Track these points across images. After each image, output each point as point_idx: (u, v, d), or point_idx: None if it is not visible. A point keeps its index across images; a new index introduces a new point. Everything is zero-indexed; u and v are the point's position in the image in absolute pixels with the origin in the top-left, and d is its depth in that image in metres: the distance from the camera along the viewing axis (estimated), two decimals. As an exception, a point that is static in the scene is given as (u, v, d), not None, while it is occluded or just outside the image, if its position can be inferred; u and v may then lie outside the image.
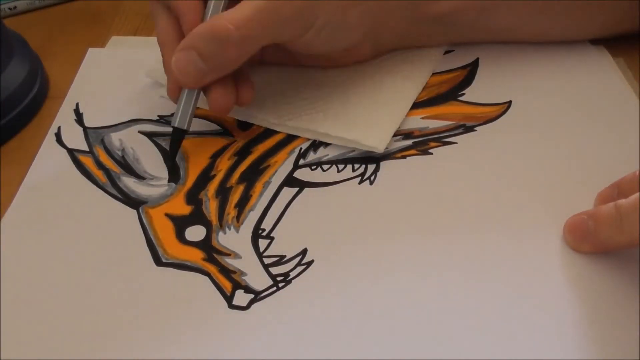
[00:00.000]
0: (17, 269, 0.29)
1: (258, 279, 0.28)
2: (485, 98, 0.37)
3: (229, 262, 0.29)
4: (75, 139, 0.35)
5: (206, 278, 0.28)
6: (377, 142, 0.33)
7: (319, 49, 0.35)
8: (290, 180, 0.32)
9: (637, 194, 0.26)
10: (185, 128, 0.32)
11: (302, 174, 0.33)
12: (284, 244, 0.29)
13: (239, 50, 0.30)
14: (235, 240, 0.30)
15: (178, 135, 0.33)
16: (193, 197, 0.32)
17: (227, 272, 0.28)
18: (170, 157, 0.33)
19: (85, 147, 0.35)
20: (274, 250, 0.29)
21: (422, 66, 0.38)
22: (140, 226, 0.30)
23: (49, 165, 0.34)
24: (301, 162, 0.33)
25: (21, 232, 0.30)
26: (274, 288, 0.27)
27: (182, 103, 0.32)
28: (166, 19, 0.33)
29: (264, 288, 0.27)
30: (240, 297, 0.27)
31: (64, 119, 0.36)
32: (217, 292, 0.27)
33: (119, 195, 0.32)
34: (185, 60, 0.30)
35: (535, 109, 0.36)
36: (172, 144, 0.33)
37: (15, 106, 0.36)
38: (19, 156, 0.34)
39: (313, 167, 0.33)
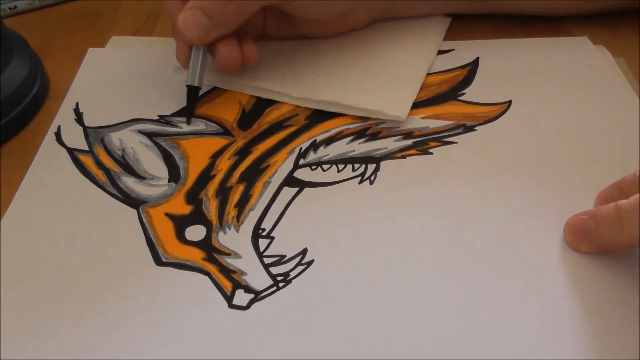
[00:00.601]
0: (17, 268, 0.28)
1: (258, 278, 0.28)
2: (485, 98, 0.37)
3: (229, 261, 0.29)
4: (75, 138, 0.35)
5: (206, 278, 0.28)
6: (400, 111, 0.35)
7: (314, 13, 0.37)
8: (290, 180, 0.32)
9: (638, 194, 0.26)
10: (197, 84, 0.35)
11: (302, 174, 0.33)
12: (284, 243, 0.29)
13: (239, 7, 0.33)
14: (235, 240, 0.30)
15: (193, 93, 0.36)
16: (193, 196, 0.32)
17: (227, 271, 0.28)
18: (188, 114, 0.36)
19: (85, 147, 0.35)
20: (274, 250, 0.29)
21: (430, 39, 0.40)
22: (140, 226, 0.30)
23: (48, 165, 0.34)
24: (301, 162, 0.33)
25: (21, 232, 0.30)
26: (274, 288, 0.27)
27: (191, 63, 0.35)
28: None
29: (264, 288, 0.27)
30: (241, 297, 0.27)
31: (63, 118, 0.36)
32: (217, 291, 0.27)
33: (119, 195, 0.32)
34: (192, 18, 0.33)
35: (535, 109, 0.36)
36: (188, 102, 0.36)
37: (15, 106, 0.36)
38: (19, 156, 0.34)
39: (313, 167, 0.33)
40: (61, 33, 0.44)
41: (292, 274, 0.28)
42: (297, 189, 0.32)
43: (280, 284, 0.28)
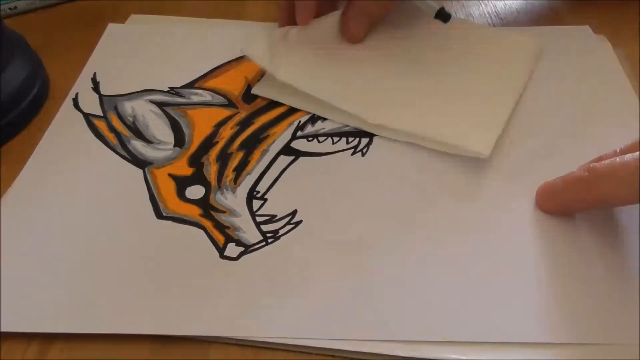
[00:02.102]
0: (33, 217, 0.31)
1: (249, 234, 0.30)
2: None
3: (224, 218, 0.31)
4: (92, 104, 0.38)
5: (201, 231, 0.30)
6: (483, 147, 0.32)
7: None
8: (287, 149, 0.34)
9: (614, 158, 0.27)
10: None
11: (299, 144, 0.35)
12: (276, 205, 0.31)
13: None
14: (231, 199, 0.32)
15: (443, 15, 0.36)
16: (195, 160, 0.34)
17: (221, 227, 0.30)
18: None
19: (100, 113, 0.37)
20: (266, 210, 0.31)
21: (522, 66, 0.38)
22: (145, 184, 0.33)
23: (65, 127, 0.36)
24: (299, 133, 0.35)
25: (37, 187, 0.33)
26: (263, 243, 0.30)
27: None
28: None
29: (254, 242, 0.30)
30: (232, 249, 0.29)
31: (81, 86, 0.39)
32: (211, 244, 0.30)
33: (128, 156, 0.34)
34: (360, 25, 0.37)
35: (533, 99, 0.37)
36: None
37: (15, 106, 0.36)
38: (19, 156, 0.35)
39: (310, 139, 0.35)
40: (61, 33, 0.44)
41: (281, 232, 0.30)
42: (292, 157, 0.34)
43: (269, 240, 0.30)
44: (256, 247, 0.29)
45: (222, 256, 0.29)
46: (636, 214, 0.30)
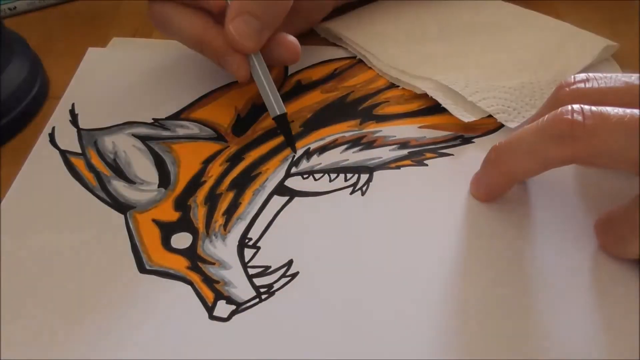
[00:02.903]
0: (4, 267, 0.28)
1: (241, 289, 0.27)
2: (485, 109, 0.36)
3: (213, 271, 0.28)
4: (69, 140, 0.35)
5: (189, 287, 0.28)
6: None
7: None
8: (280, 189, 0.32)
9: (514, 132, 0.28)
10: (283, 111, 0.33)
11: (294, 183, 0.32)
12: (270, 254, 0.29)
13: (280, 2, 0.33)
14: (221, 248, 0.29)
15: (283, 121, 0.34)
16: (182, 203, 0.31)
17: (210, 281, 0.28)
18: (291, 145, 0.34)
19: (78, 149, 0.34)
20: (259, 259, 0.29)
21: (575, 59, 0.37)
22: (127, 232, 0.30)
23: (40, 166, 0.33)
24: (293, 170, 0.33)
25: (7, 232, 0.30)
26: (257, 300, 0.27)
27: (264, 89, 0.33)
28: (189, 14, 0.34)
29: (246, 299, 0.27)
30: (222, 308, 0.27)
31: (59, 119, 0.36)
32: (199, 302, 0.27)
33: (108, 199, 0.32)
34: (244, 24, 0.32)
35: None
36: (285, 133, 0.34)
37: (15, 106, 0.36)
38: (19, 156, 0.34)
39: (305, 176, 0.33)
40: (61, 33, 0.44)
41: (276, 286, 0.28)
42: (287, 198, 0.31)
43: (263, 296, 0.27)
44: (249, 304, 0.27)
45: (211, 316, 0.26)
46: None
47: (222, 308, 0.27)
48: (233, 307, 0.27)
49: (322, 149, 0.34)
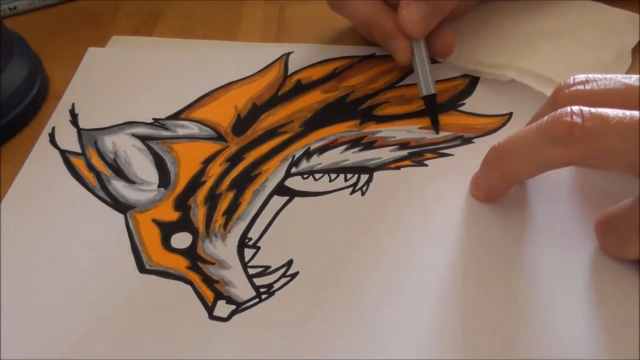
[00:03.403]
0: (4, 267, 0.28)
1: (241, 289, 0.27)
2: (486, 109, 0.36)
3: (213, 271, 0.28)
4: (69, 140, 0.35)
5: (188, 287, 0.28)
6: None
7: None
8: (280, 189, 0.32)
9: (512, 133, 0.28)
10: (433, 91, 0.35)
11: (293, 183, 0.32)
12: (270, 254, 0.29)
13: None
14: (221, 248, 0.29)
15: (432, 102, 0.35)
16: (182, 203, 0.31)
17: (210, 281, 0.28)
18: (435, 124, 0.35)
19: (78, 149, 0.34)
20: (259, 259, 0.29)
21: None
22: (127, 232, 0.30)
23: (40, 167, 0.33)
24: (293, 170, 0.33)
25: (7, 233, 0.30)
26: (257, 299, 0.27)
27: (419, 69, 0.35)
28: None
29: (246, 299, 0.27)
30: (222, 308, 0.27)
31: (59, 119, 0.36)
32: (199, 302, 0.27)
33: (108, 199, 0.32)
34: (416, 10, 0.34)
35: None
36: (431, 113, 0.35)
37: (15, 106, 0.36)
38: (19, 156, 0.34)
39: (305, 176, 0.32)
40: (61, 33, 0.44)
41: (276, 286, 0.28)
42: (287, 198, 0.31)
43: (263, 296, 0.27)
44: (248, 304, 0.27)
45: (211, 316, 0.26)
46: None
47: (222, 308, 0.27)
48: (233, 307, 0.27)
49: (322, 149, 0.34)
